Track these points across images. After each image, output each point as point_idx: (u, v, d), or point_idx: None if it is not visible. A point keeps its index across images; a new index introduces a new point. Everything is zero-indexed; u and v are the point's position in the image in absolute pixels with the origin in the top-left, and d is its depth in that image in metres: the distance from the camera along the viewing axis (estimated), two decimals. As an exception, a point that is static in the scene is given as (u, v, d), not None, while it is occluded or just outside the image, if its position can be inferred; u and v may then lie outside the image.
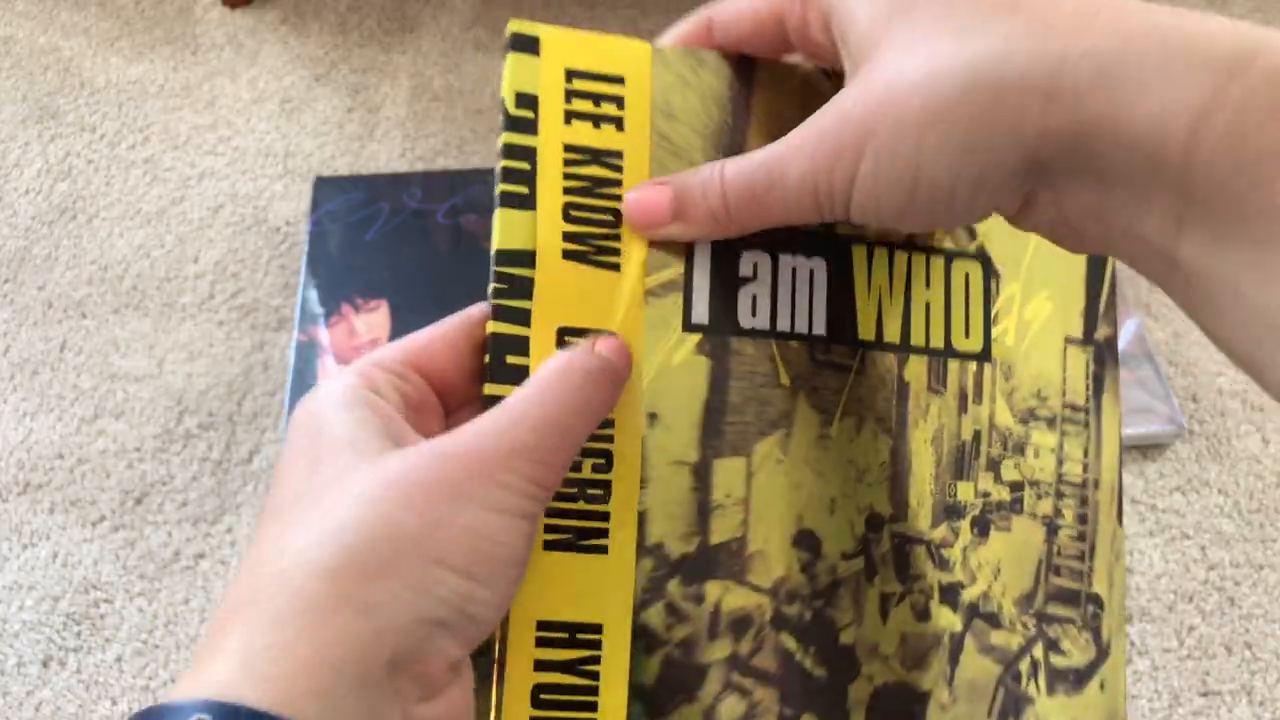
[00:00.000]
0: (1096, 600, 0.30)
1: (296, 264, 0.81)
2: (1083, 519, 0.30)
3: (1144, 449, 0.71)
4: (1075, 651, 0.30)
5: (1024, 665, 0.29)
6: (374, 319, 0.74)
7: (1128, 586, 0.67)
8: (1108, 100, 0.20)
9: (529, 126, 0.26)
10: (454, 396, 0.26)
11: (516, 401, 0.23)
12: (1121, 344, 0.73)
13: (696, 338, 0.27)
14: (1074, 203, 0.22)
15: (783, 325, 0.28)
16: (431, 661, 0.21)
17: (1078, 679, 0.30)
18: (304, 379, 0.70)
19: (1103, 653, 0.30)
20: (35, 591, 0.64)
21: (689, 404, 0.27)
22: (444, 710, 0.22)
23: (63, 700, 0.60)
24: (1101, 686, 0.30)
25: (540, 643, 0.25)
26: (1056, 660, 0.29)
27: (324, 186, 0.82)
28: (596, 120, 0.27)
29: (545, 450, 0.23)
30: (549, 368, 0.24)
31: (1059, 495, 0.30)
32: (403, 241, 0.78)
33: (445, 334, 0.26)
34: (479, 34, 1.00)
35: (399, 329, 0.73)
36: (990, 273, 0.30)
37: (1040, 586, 0.30)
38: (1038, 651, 0.29)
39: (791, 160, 0.24)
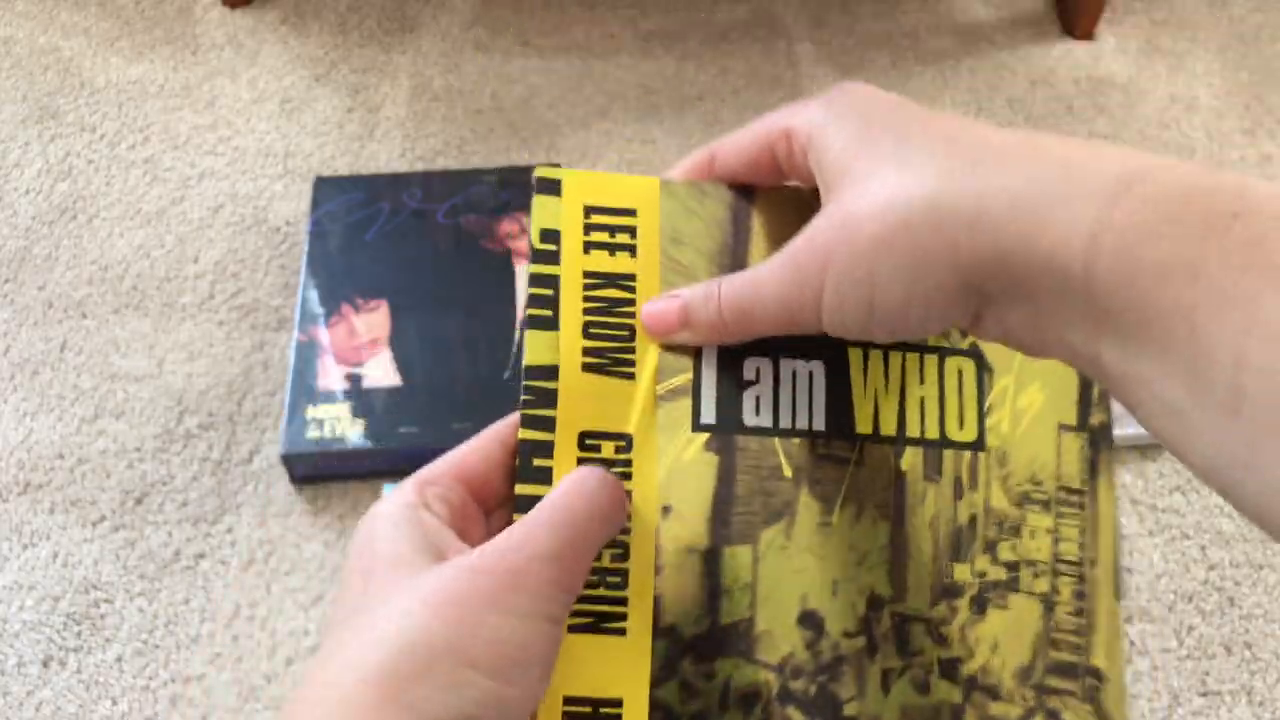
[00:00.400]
0: (1095, 673, 0.31)
1: (296, 264, 0.81)
2: (1080, 595, 0.32)
3: (1144, 449, 0.71)
4: None
5: None
6: (374, 319, 0.74)
7: (1128, 588, 0.67)
8: (1019, 230, 0.22)
9: (553, 258, 0.30)
10: (492, 499, 0.30)
11: (536, 514, 0.26)
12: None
13: (705, 436, 0.30)
14: (1011, 318, 0.24)
15: (784, 423, 0.30)
16: None
17: None
18: (304, 379, 0.70)
19: None
20: (35, 591, 0.64)
21: (699, 497, 0.29)
22: None
23: (63, 700, 0.60)
24: None
25: (567, 716, 0.28)
26: None
27: (324, 186, 0.82)
28: (612, 249, 0.31)
29: (564, 557, 0.26)
30: (565, 480, 0.27)
31: (1055, 574, 0.32)
32: (402, 241, 0.78)
33: (483, 445, 0.30)
34: (479, 34, 1.00)
35: (399, 329, 0.73)
36: (983, 368, 0.32)
37: (1039, 660, 0.31)
38: None
39: (768, 281, 0.27)
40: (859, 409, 0.31)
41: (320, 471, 0.68)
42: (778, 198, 0.32)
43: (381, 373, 0.70)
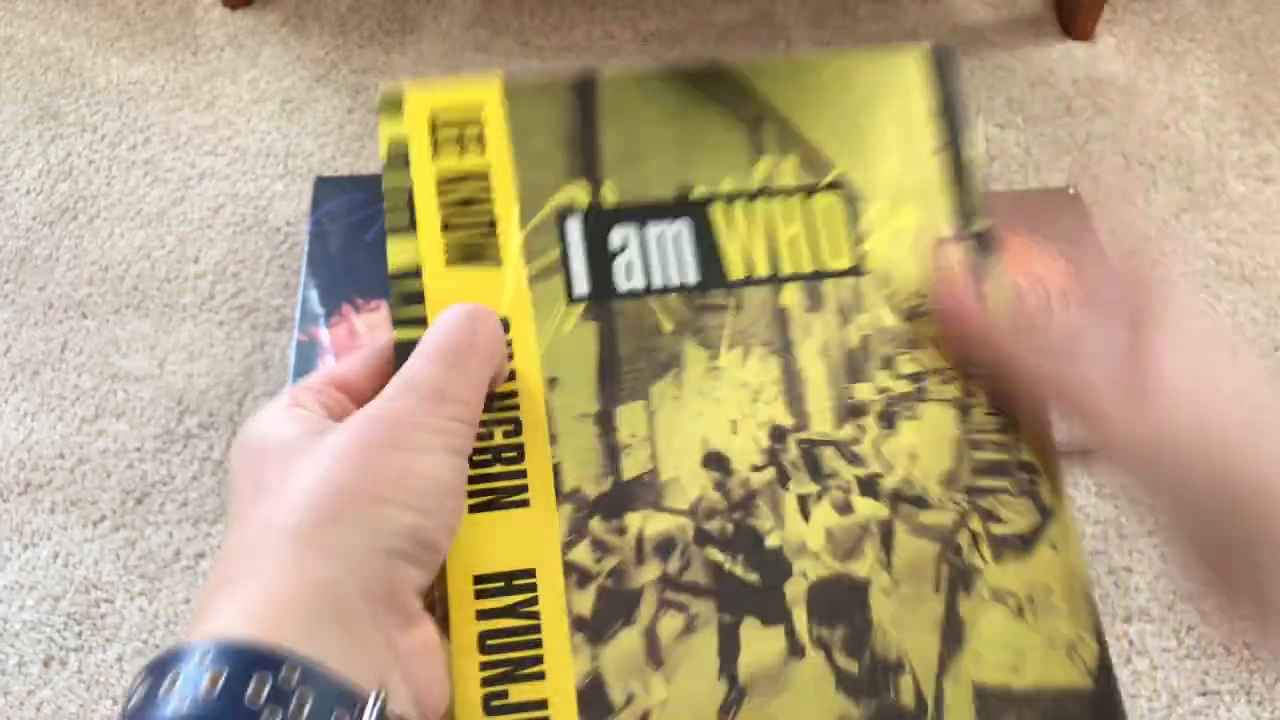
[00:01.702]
0: (1027, 467, 0.31)
1: (297, 264, 0.81)
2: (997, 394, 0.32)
3: (1143, 449, 0.71)
4: (1015, 518, 0.31)
5: (963, 539, 0.31)
6: (374, 319, 0.74)
7: (1128, 588, 0.67)
8: None
9: (402, 168, 0.32)
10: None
11: (415, 357, 0.27)
12: (1121, 344, 0.73)
13: (581, 307, 0.31)
14: None
15: (657, 283, 0.32)
16: (401, 589, 0.25)
17: (1024, 543, 0.31)
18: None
19: (1046, 515, 0.31)
20: (36, 591, 0.64)
21: (584, 364, 0.31)
22: (422, 640, 0.25)
23: (64, 700, 0.60)
24: (1054, 547, 0.31)
25: (479, 594, 0.28)
26: (996, 529, 0.31)
27: (324, 187, 0.82)
28: (462, 149, 0.33)
29: (451, 388, 0.27)
30: (437, 319, 0.28)
31: (966, 376, 0.32)
32: (403, 242, 0.78)
33: (359, 356, 0.31)
34: (479, 35, 1.01)
35: (399, 329, 0.73)
36: (851, 197, 0.33)
37: (963, 463, 0.31)
38: (974, 524, 0.31)
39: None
40: (729, 258, 0.32)
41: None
42: (620, 82, 0.34)
43: (382, 373, 0.71)
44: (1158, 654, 0.64)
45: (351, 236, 0.79)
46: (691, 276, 0.32)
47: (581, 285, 0.31)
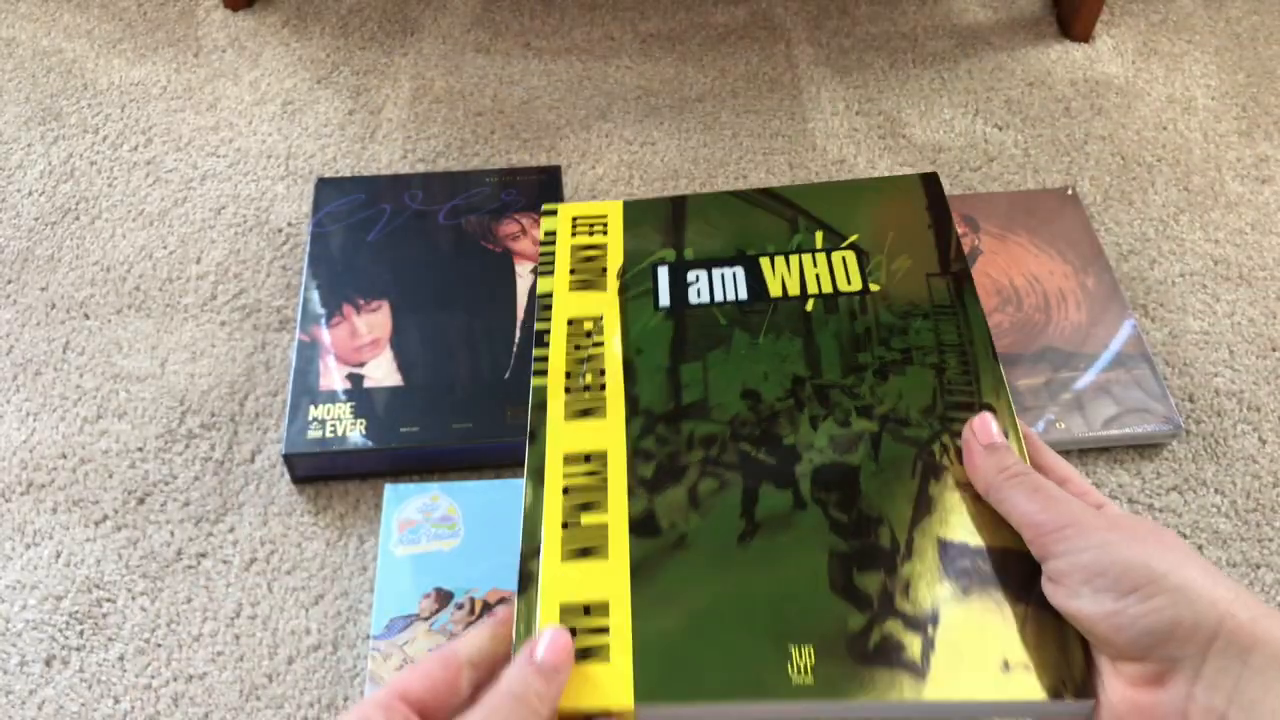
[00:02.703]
0: (988, 406, 0.43)
1: (298, 265, 0.81)
2: (965, 364, 0.44)
3: (1141, 448, 0.71)
4: None
5: (935, 447, 0.42)
6: (375, 319, 0.74)
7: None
8: None
9: (551, 243, 0.51)
10: (436, 714, 0.36)
11: None
12: (1118, 345, 0.74)
13: (663, 313, 0.47)
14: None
15: (718, 298, 0.47)
16: None
17: None
18: (305, 379, 0.70)
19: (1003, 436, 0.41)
20: (38, 590, 0.64)
21: (661, 342, 0.46)
22: None
23: (65, 699, 0.60)
24: None
25: (567, 462, 0.42)
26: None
27: (326, 188, 0.82)
28: (590, 232, 0.51)
29: None
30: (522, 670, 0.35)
31: (941, 352, 0.44)
32: (404, 242, 0.78)
33: (429, 667, 0.36)
34: (479, 36, 1.01)
35: (400, 329, 0.73)
36: (863, 251, 0.49)
37: (938, 402, 0.43)
38: (945, 439, 0.42)
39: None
40: (770, 285, 0.48)
41: (321, 471, 0.69)
42: (704, 201, 0.51)
43: (383, 373, 0.71)
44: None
45: (352, 237, 0.79)
46: (743, 294, 0.47)
47: (664, 300, 0.47)
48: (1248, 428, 0.72)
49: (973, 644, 0.37)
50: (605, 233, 0.50)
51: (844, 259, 0.48)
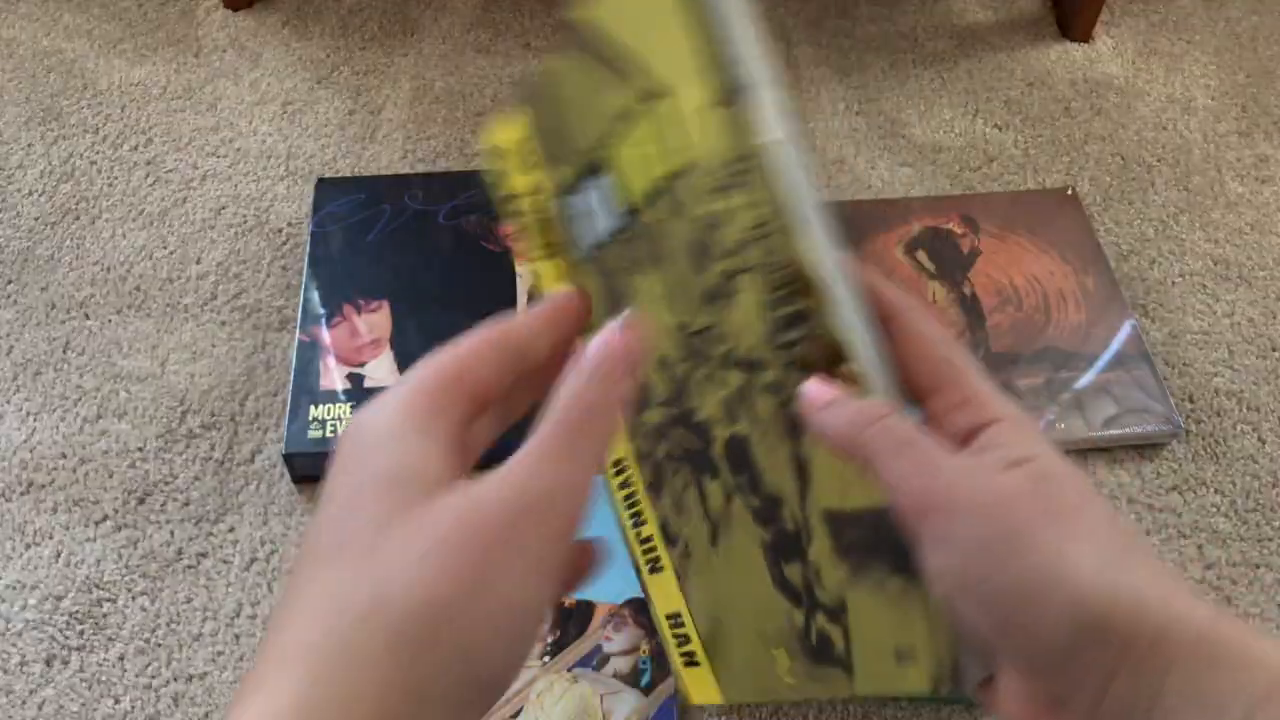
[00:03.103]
0: (812, 310, 0.34)
1: (299, 265, 0.81)
2: (776, 254, 0.31)
3: (1141, 448, 0.71)
4: (819, 360, 0.35)
5: (789, 389, 0.33)
6: (375, 319, 0.74)
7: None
8: None
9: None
10: (488, 398, 0.30)
11: (529, 459, 0.26)
12: (1118, 344, 0.74)
13: (590, 265, 0.38)
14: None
15: (601, 231, 0.37)
16: None
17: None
18: (306, 379, 0.70)
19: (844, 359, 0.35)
20: (38, 590, 0.64)
21: (604, 310, 0.37)
22: None
23: (65, 699, 0.60)
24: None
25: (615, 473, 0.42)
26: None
27: (326, 188, 0.82)
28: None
29: (560, 505, 0.26)
30: (556, 420, 0.27)
31: (760, 240, 0.32)
32: (404, 243, 0.78)
33: (478, 347, 0.31)
34: (480, 36, 1.01)
35: (400, 329, 0.73)
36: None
37: (765, 320, 0.33)
38: (795, 377, 0.33)
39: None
40: (630, 188, 0.36)
41: (322, 471, 0.68)
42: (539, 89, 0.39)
43: (383, 373, 0.71)
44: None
45: (352, 237, 0.79)
46: (614, 220, 0.37)
47: (583, 248, 0.39)
48: (1247, 428, 0.73)
49: (873, 632, 0.33)
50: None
51: (659, 116, 0.33)
